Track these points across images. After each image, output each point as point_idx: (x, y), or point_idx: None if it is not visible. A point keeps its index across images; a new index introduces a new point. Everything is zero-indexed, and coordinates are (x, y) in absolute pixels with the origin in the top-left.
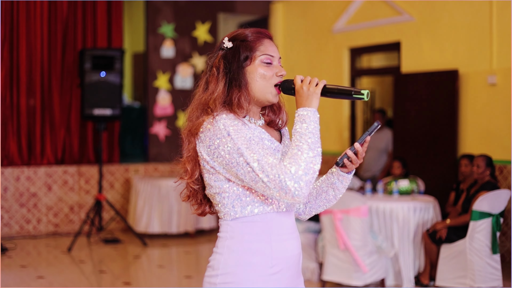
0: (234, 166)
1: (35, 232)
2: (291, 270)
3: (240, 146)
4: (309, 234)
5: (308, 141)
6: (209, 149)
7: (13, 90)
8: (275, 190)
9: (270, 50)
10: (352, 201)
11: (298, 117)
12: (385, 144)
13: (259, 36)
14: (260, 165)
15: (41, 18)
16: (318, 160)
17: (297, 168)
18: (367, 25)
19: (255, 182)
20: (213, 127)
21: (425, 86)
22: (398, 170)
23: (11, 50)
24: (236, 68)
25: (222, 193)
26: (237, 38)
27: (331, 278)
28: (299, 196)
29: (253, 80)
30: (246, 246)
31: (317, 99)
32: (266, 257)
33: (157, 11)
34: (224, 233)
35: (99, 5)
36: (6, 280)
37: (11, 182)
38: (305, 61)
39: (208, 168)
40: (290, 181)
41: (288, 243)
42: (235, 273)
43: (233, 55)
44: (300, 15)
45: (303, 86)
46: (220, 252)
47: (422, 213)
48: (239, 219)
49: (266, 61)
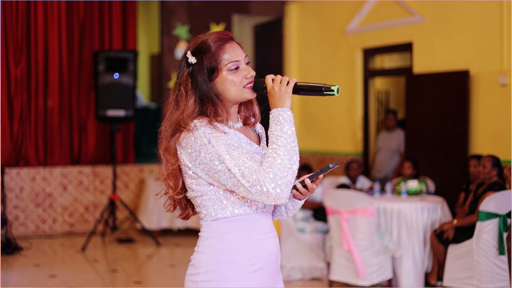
0: (216, 172)
1: (51, 232)
2: (270, 268)
3: (221, 153)
4: (318, 234)
5: (284, 142)
6: (191, 156)
7: (31, 91)
8: (256, 195)
9: (234, 56)
10: (359, 201)
11: (272, 118)
12: (397, 144)
13: (220, 44)
14: (241, 171)
15: (58, 19)
16: (296, 159)
17: (276, 171)
18: (379, 25)
19: (237, 187)
20: (193, 134)
21: (436, 87)
22: (408, 170)
23: (28, 52)
24: (204, 83)
25: (204, 196)
26: (199, 52)
27: (338, 278)
28: (280, 198)
29: (225, 89)
30: (226, 245)
31: (289, 98)
32: (246, 255)
33: (172, 13)
34: (205, 232)
35: (115, 7)
36: (19, 278)
37: (27, 182)
38: (319, 62)
39: (190, 174)
40: (270, 185)
41: (266, 242)
42: (216, 271)
43: (198, 71)
44: (314, 16)
45: (274, 86)
46: (202, 251)
47: (430, 214)
48: (219, 220)
49: (232, 68)
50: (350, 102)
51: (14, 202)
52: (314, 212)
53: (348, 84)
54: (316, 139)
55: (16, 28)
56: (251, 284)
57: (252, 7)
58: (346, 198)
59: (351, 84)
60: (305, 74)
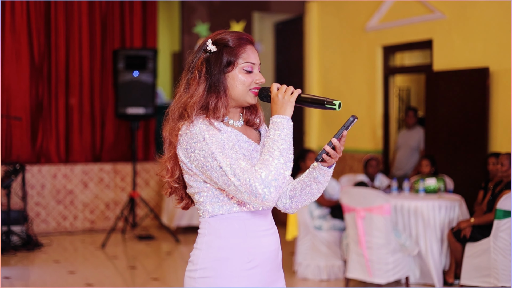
0: (208, 169)
1: (72, 229)
2: (268, 265)
3: (214, 150)
4: (335, 231)
5: (280, 147)
6: (186, 152)
7: (52, 89)
8: (245, 194)
9: (252, 58)
10: (375, 199)
11: (272, 124)
12: (417, 142)
13: (241, 42)
14: (232, 169)
15: (79, 17)
16: (289, 166)
17: (267, 174)
18: (399, 23)
19: (228, 186)
20: (190, 131)
21: (456, 84)
22: (427, 168)
23: (49, 50)
24: (217, 73)
25: (201, 193)
26: (220, 43)
27: (355, 276)
28: (268, 201)
29: (233, 86)
30: (223, 242)
31: (291, 107)
32: (243, 252)
33: (192, 11)
34: (203, 229)
35: (136, 5)
36: (39, 274)
37: (48, 180)
38: (339, 59)
39: (186, 170)
40: (260, 185)
41: (264, 239)
42: (213, 267)
43: (216, 60)
44: (334, 13)
45: (279, 94)
46: (199, 248)
47: (448, 212)
48: (217, 217)
49: (247, 69)
50: (370, 100)
51: (36, 199)
52: (331, 209)
53: (368, 81)
54: None
55: (37, 27)
56: (248, 281)
57: (272, 4)
58: (362, 196)
59: (371, 81)
60: (326, 71)
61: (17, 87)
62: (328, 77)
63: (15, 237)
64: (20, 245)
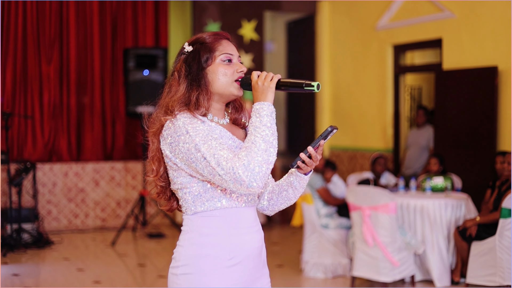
0: (193, 161)
1: (83, 227)
2: (252, 262)
3: (198, 142)
4: (341, 230)
5: (262, 133)
6: (171, 146)
7: (63, 87)
8: (230, 182)
9: (228, 49)
10: (381, 197)
11: (253, 111)
12: (426, 141)
13: (217, 38)
14: (216, 159)
15: (90, 16)
16: (272, 151)
17: (250, 160)
18: (409, 22)
19: (213, 176)
20: (173, 125)
21: (465, 83)
22: (434, 166)
23: (61, 48)
24: (197, 70)
25: (184, 189)
26: (196, 42)
27: (361, 274)
28: (253, 187)
29: (215, 78)
30: (204, 239)
31: (272, 93)
32: (224, 249)
33: (204, 10)
34: (185, 226)
35: (147, 4)
36: (48, 271)
37: (60, 178)
38: (350, 58)
39: (171, 165)
40: (244, 172)
41: (247, 236)
42: (194, 264)
43: (194, 58)
44: (345, 12)
45: (258, 81)
46: (182, 244)
47: (454, 210)
48: (199, 214)
49: (226, 59)
50: (381, 99)
51: (47, 197)
52: (338, 208)
53: (379, 80)
54: (347, 135)
55: (48, 25)
56: (230, 278)
57: (284, 4)
58: (368, 194)
59: (382, 80)
60: (337, 70)
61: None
62: (339, 76)
63: (26, 235)
64: (31, 243)
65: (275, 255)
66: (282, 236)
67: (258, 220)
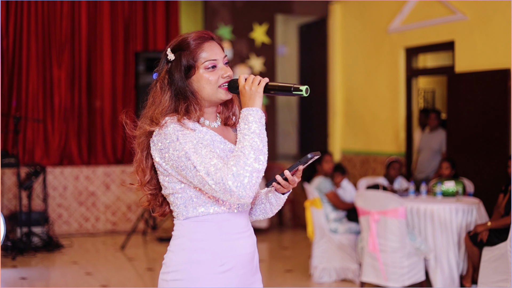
0: (183, 169)
1: (94, 230)
2: (243, 268)
3: (188, 150)
4: (351, 235)
5: (250, 141)
6: (161, 152)
7: (74, 91)
8: (220, 193)
9: (212, 55)
10: (390, 202)
11: (242, 117)
12: (439, 145)
13: (198, 43)
14: (206, 168)
15: (101, 19)
16: (262, 159)
17: (239, 170)
18: (421, 24)
19: (203, 185)
20: (163, 131)
21: (478, 86)
22: (446, 170)
23: (72, 52)
24: (180, 80)
25: (175, 194)
26: (178, 49)
27: (369, 280)
28: (243, 197)
29: (201, 87)
30: (195, 244)
31: (260, 98)
32: (215, 255)
33: (215, 13)
34: (176, 231)
35: (158, 7)
36: (54, 275)
37: (71, 181)
38: (362, 61)
39: (161, 171)
40: (233, 183)
41: (239, 242)
42: (185, 270)
43: (176, 67)
44: (357, 15)
45: (246, 85)
46: (172, 250)
47: (465, 215)
48: (190, 219)
49: (210, 66)
50: (393, 102)
51: (58, 201)
52: (347, 212)
53: (391, 83)
54: (359, 139)
55: (60, 29)
56: (221, 284)
57: (295, 7)
58: (376, 199)
59: (394, 83)
60: (349, 73)
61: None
62: (351, 79)
63: (36, 238)
64: (41, 246)
65: (285, 260)
66: (294, 241)
67: (250, 225)
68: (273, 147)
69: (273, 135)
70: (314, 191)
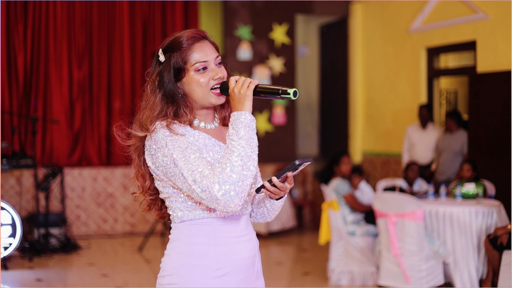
0: (172, 175)
1: (112, 232)
2: (242, 273)
3: (176, 157)
4: (368, 237)
5: (238, 147)
6: (152, 158)
7: (93, 92)
8: (207, 201)
9: (202, 56)
10: (407, 205)
11: (231, 121)
12: (460, 146)
13: (189, 44)
14: (193, 176)
15: (121, 21)
16: (249, 165)
17: (224, 178)
18: (443, 24)
19: (191, 192)
20: (153, 137)
21: (499, 86)
22: (467, 173)
23: (91, 53)
24: (169, 83)
25: (171, 198)
26: (169, 50)
27: (387, 283)
28: (229, 206)
29: (192, 89)
30: (191, 248)
31: (249, 101)
32: (211, 259)
33: (234, 13)
34: (172, 235)
35: (177, 8)
36: (70, 276)
37: (89, 182)
38: (383, 61)
39: (155, 176)
40: (219, 191)
41: (237, 246)
42: (180, 274)
43: (165, 69)
44: (378, 15)
45: (235, 88)
46: (168, 253)
47: (485, 218)
48: (186, 222)
49: (200, 68)
50: (414, 103)
51: (76, 202)
52: (365, 215)
53: (412, 84)
54: (380, 140)
55: (79, 31)
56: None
57: (316, 7)
58: (394, 201)
59: (415, 84)
60: (370, 73)
61: (59, 91)
62: (372, 79)
63: (54, 240)
64: (58, 248)
65: (303, 263)
66: (313, 243)
67: (250, 229)
68: (293, 148)
69: (293, 136)
70: (331, 193)
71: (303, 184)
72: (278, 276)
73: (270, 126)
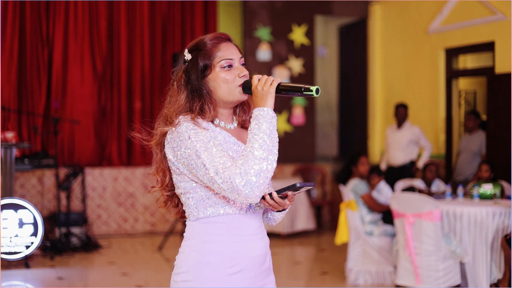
0: (194, 167)
1: (133, 231)
2: (254, 270)
3: (198, 148)
4: (386, 237)
5: (260, 141)
6: (174, 150)
7: (114, 92)
8: (228, 192)
9: (228, 54)
10: (425, 205)
11: (253, 117)
12: (478, 147)
13: (215, 43)
14: (215, 167)
15: (141, 21)
16: (271, 159)
17: (247, 169)
18: (461, 25)
19: (212, 184)
20: (176, 130)
21: None
22: (486, 173)
23: (111, 54)
24: (196, 79)
25: (187, 194)
26: (194, 49)
27: (404, 283)
28: (250, 197)
29: (217, 86)
30: (205, 246)
31: (271, 98)
32: (225, 257)
33: (254, 14)
34: (187, 233)
35: (197, 8)
36: (90, 275)
37: (110, 182)
38: (402, 62)
39: (174, 169)
40: (241, 182)
41: (250, 243)
42: (194, 271)
43: (192, 66)
44: (397, 16)
45: (258, 86)
46: (183, 251)
47: (502, 218)
48: (201, 220)
49: (226, 65)
50: (432, 103)
51: (97, 201)
52: (383, 215)
53: (431, 84)
54: None
55: (100, 31)
56: (230, 286)
57: (335, 8)
58: (411, 201)
59: (434, 84)
60: (389, 74)
61: (80, 92)
62: (391, 80)
63: (75, 239)
64: (79, 247)
65: (321, 262)
66: (331, 243)
67: (262, 227)
68: (312, 148)
69: (312, 137)
70: (349, 193)
71: (322, 185)
72: (297, 275)
73: (289, 126)
